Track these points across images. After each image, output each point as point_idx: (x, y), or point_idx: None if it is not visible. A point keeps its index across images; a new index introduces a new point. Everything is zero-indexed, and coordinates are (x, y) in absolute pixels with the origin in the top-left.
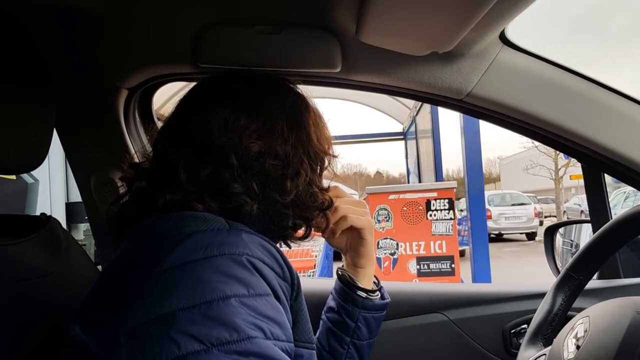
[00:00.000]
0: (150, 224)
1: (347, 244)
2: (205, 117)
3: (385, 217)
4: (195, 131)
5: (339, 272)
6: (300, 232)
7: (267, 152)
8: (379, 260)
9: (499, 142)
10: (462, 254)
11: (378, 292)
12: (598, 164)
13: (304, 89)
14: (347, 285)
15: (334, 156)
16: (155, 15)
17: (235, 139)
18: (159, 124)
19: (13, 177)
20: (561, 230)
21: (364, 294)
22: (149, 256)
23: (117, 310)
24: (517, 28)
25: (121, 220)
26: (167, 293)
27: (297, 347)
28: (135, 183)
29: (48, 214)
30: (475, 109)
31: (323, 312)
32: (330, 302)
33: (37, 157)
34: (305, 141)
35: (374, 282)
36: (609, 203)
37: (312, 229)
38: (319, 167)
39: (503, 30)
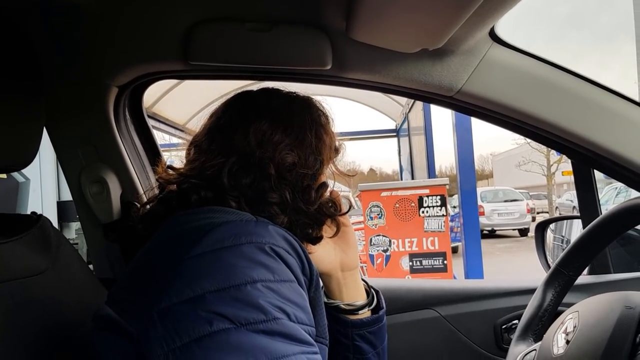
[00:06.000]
0: (183, 215)
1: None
2: (246, 130)
3: (378, 214)
4: (236, 142)
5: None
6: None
7: (298, 162)
8: (371, 257)
9: (491, 139)
10: (455, 250)
11: (367, 307)
12: (588, 160)
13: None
14: (328, 307)
15: (351, 175)
16: (145, 12)
17: (271, 151)
18: (150, 122)
19: (4, 175)
20: (552, 226)
21: (348, 315)
22: (182, 243)
23: (151, 291)
24: (506, 25)
25: (150, 219)
26: (198, 277)
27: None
28: (169, 185)
29: (39, 213)
30: (466, 105)
31: None
32: None
33: (27, 155)
34: (327, 151)
35: (366, 290)
36: (598, 199)
37: (327, 234)
38: (332, 177)
39: (493, 27)
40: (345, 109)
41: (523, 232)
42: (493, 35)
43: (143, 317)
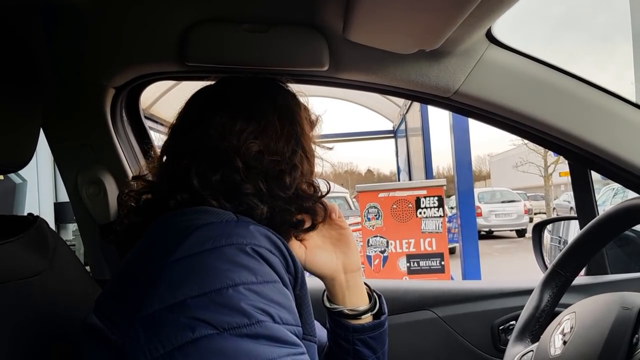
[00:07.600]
0: (164, 219)
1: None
2: (205, 125)
3: (375, 215)
4: (198, 138)
5: (323, 297)
6: (307, 224)
7: (265, 149)
8: (369, 258)
9: (489, 140)
10: (452, 251)
11: (369, 312)
12: (584, 161)
13: (293, 85)
14: (330, 312)
15: (329, 148)
16: (142, 13)
17: (234, 142)
18: (147, 124)
19: (1, 177)
20: (549, 226)
21: (351, 320)
22: (163, 248)
23: (133, 298)
24: (503, 26)
25: (131, 231)
26: (180, 282)
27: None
28: (143, 195)
29: (36, 214)
30: (463, 107)
31: None
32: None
33: (24, 156)
34: (298, 134)
35: (368, 294)
36: (595, 200)
37: (318, 219)
38: (313, 158)
39: (489, 28)
40: (342, 110)
41: (520, 233)
42: (490, 37)
43: (126, 325)
